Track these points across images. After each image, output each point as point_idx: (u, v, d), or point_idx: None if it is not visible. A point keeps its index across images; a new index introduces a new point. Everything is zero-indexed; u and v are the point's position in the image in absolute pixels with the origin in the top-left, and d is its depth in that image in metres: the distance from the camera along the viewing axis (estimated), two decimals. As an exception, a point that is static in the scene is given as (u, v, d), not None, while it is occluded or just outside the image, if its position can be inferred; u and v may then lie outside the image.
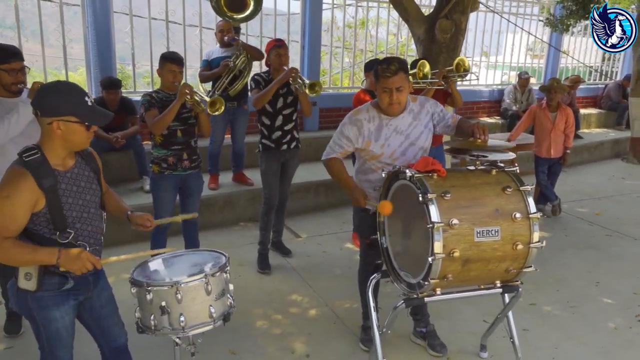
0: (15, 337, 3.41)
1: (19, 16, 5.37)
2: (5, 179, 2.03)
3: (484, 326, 3.56)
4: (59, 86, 2.10)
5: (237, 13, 4.95)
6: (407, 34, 9.30)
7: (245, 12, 4.98)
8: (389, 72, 2.77)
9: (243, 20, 5.02)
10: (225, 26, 5.39)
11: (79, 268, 2.03)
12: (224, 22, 5.35)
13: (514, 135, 6.09)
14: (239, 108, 5.50)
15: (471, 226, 2.47)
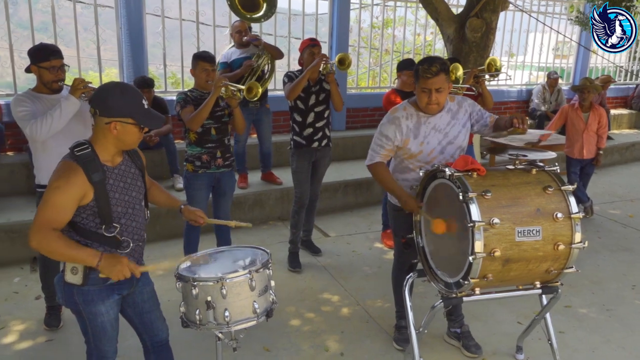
0: (55, 330, 3.49)
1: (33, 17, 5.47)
2: (57, 171, 2.08)
3: (519, 327, 3.53)
4: (121, 88, 2.15)
5: (252, 13, 4.98)
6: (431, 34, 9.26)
7: (258, 12, 5.02)
8: (429, 73, 2.75)
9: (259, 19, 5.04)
10: (242, 27, 5.39)
11: (117, 274, 2.07)
12: (241, 23, 5.37)
13: (544, 136, 6.00)
14: (261, 107, 5.52)
15: (512, 226, 2.46)
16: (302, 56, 4.30)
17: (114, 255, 2.10)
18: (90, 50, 6.34)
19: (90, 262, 2.06)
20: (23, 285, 4.10)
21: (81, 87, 3.13)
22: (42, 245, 2.03)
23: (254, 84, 3.87)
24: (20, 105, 3.06)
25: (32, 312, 3.70)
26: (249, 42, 5.38)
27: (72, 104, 3.09)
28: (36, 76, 3.18)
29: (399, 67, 4.74)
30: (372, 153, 3.05)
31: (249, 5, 4.86)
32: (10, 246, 4.43)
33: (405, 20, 7.93)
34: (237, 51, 5.45)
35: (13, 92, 5.52)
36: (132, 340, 2.94)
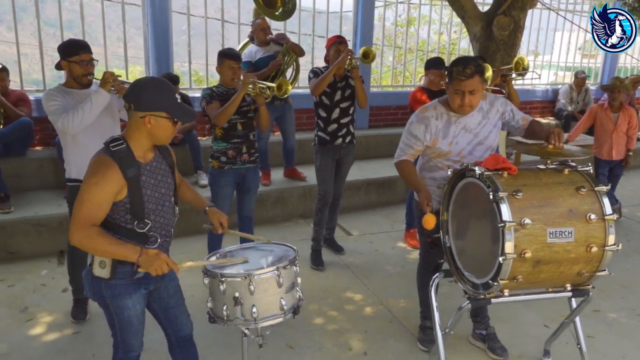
0: (82, 322, 3.53)
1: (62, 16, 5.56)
2: (93, 167, 2.09)
3: (545, 331, 3.47)
4: (154, 83, 2.17)
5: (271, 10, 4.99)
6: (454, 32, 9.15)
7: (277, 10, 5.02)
8: (463, 76, 2.70)
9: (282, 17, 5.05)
10: (265, 24, 5.38)
11: (155, 269, 2.08)
12: (262, 20, 5.36)
13: (572, 135, 5.90)
14: (285, 104, 5.52)
15: (544, 226, 2.40)
16: (328, 53, 4.29)
17: (153, 250, 2.10)
18: (115, 48, 6.42)
19: (132, 258, 2.07)
20: (50, 277, 4.17)
21: (111, 80, 3.16)
22: (83, 242, 2.05)
23: (284, 81, 3.88)
24: (52, 100, 3.10)
25: (59, 304, 3.75)
26: (271, 41, 5.36)
27: (103, 97, 3.13)
28: (66, 71, 3.22)
29: (427, 66, 4.70)
30: (400, 151, 3.03)
31: (267, 2, 4.88)
32: (38, 239, 4.50)
33: (429, 19, 7.86)
34: (260, 50, 5.43)
35: (42, 88, 5.62)
36: (156, 334, 2.95)
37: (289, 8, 5.08)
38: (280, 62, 5.27)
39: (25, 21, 5.78)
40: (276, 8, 5.03)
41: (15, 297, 3.84)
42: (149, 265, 2.07)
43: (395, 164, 3.06)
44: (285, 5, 4.97)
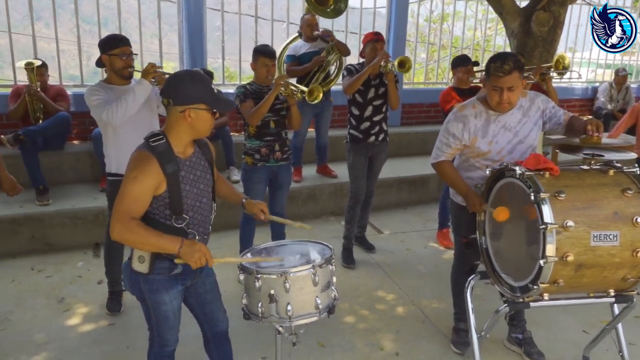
0: (117, 315, 3.59)
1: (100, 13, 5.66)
2: (133, 162, 2.11)
3: (584, 337, 3.37)
4: (189, 75, 2.16)
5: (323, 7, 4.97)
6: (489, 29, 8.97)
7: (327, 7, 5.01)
8: (501, 72, 2.62)
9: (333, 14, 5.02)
10: (313, 20, 5.38)
11: (195, 261, 2.07)
12: (311, 16, 5.35)
13: (613, 135, 5.71)
14: (325, 101, 5.50)
15: (587, 229, 2.32)
16: (364, 49, 4.25)
17: (194, 242, 2.10)
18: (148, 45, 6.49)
19: (172, 249, 2.06)
20: (86, 269, 4.25)
21: (152, 71, 3.21)
22: (124, 235, 2.05)
23: (316, 87, 3.85)
24: (94, 94, 3.16)
25: (95, 296, 3.82)
26: (318, 37, 5.36)
27: (145, 88, 3.17)
28: (107, 66, 3.27)
29: (453, 64, 4.61)
30: (437, 151, 2.96)
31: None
32: (74, 231, 4.60)
33: (465, 15, 7.72)
34: (305, 45, 5.43)
35: (79, 84, 5.73)
36: (190, 328, 2.98)
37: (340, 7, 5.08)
38: (322, 59, 5.26)
39: (63, 18, 5.90)
40: (327, 5, 5.02)
41: (53, 288, 3.93)
42: (189, 257, 2.06)
43: (433, 165, 3.00)
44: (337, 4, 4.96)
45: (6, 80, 5.84)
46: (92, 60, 3.68)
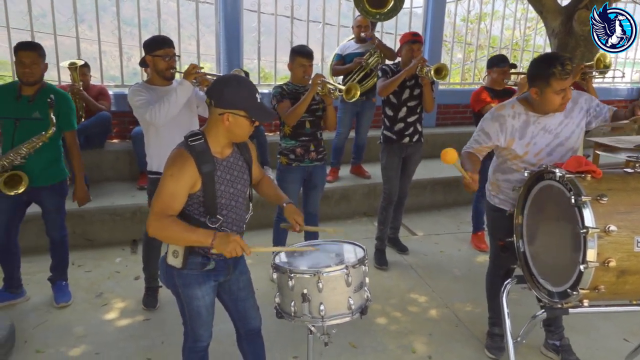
0: (153, 310, 3.66)
1: (140, 15, 5.78)
2: (171, 159, 2.15)
3: (625, 345, 3.27)
4: (237, 80, 2.19)
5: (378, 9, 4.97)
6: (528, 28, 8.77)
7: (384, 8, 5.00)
8: (566, 74, 2.57)
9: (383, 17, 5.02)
10: (363, 22, 5.40)
11: (230, 251, 2.08)
12: (362, 18, 5.37)
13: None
14: (367, 101, 5.51)
15: (631, 234, 2.24)
16: (400, 49, 4.22)
17: (227, 234, 2.12)
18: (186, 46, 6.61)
19: (205, 242, 2.09)
20: (124, 265, 4.36)
21: (194, 72, 3.26)
22: (158, 231, 2.11)
23: (354, 86, 3.84)
24: (138, 95, 3.23)
25: (132, 291, 3.91)
26: (365, 39, 5.41)
27: (186, 88, 3.23)
28: (150, 66, 3.35)
29: (489, 64, 4.54)
30: (468, 145, 2.93)
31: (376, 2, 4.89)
32: (113, 228, 4.72)
33: (503, 14, 7.58)
34: (353, 45, 5.52)
35: (120, 84, 5.88)
36: (222, 325, 3.01)
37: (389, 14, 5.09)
38: (360, 60, 5.32)
39: (105, 20, 6.06)
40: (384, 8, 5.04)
41: (92, 283, 4.05)
42: (224, 248, 2.08)
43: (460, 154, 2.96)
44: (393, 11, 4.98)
45: (51, 80, 6.01)
46: (132, 62, 3.80)
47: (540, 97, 2.67)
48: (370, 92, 5.48)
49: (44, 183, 3.46)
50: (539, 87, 2.65)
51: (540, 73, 2.64)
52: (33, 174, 3.38)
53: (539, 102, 2.70)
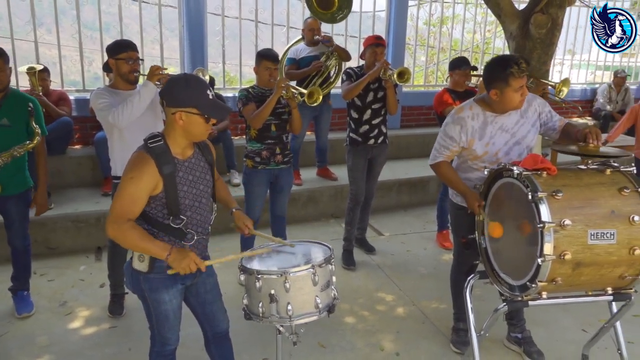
0: (119, 317, 3.61)
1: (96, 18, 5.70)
2: (131, 162, 2.15)
3: (583, 335, 3.39)
4: (185, 79, 2.19)
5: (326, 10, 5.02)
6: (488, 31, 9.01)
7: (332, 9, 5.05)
8: (523, 72, 2.68)
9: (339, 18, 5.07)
10: (314, 24, 5.40)
11: (184, 267, 2.12)
12: (313, 20, 5.38)
13: (612, 136, 5.74)
14: (324, 104, 5.53)
15: (585, 228, 2.34)
16: (364, 52, 4.28)
17: (183, 249, 2.14)
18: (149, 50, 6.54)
19: (160, 255, 2.11)
20: (88, 273, 4.28)
21: (157, 73, 3.25)
22: (117, 235, 2.10)
23: (316, 90, 3.87)
24: (100, 98, 3.20)
25: (97, 299, 3.84)
26: (319, 41, 5.40)
27: (150, 90, 3.21)
28: (113, 70, 3.31)
29: (451, 66, 4.64)
30: (435, 153, 2.99)
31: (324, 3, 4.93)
32: (76, 235, 4.63)
33: (464, 18, 7.76)
34: (306, 48, 5.47)
35: (82, 88, 5.77)
36: (190, 329, 3.00)
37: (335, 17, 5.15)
38: (320, 64, 5.31)
39: (64, 24, 5.94)
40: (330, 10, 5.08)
41: (55, 292, 3.96)
42: (177, 264, 2.11)
43: (431, 166, 3.03)
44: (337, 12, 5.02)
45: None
46: (93, 66, 3.74)
47: (500, 97, 2.76)
48: (327, 95, 5.50)
49: (11, 192, 3.39)
50: (499, 88, 2.74)
51: (497, 75, 2.73)
52: (2, 183, 3.30)
53: (498, 102, 2.79)
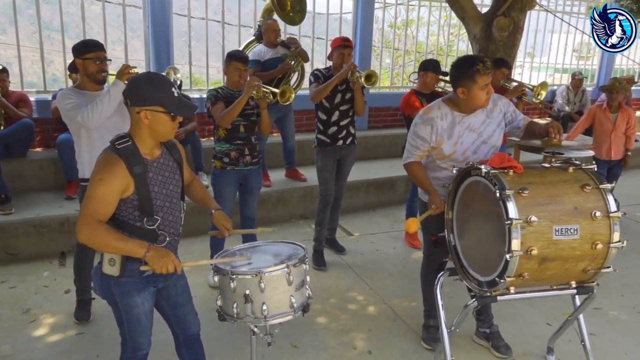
0: (86, 323, 3.52)
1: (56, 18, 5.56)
2: (99, 164, 2.10)
3: (548, 329, 3.49)
4: (149, 77, 2.16)
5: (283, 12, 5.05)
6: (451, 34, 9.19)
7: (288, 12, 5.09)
8: (488, 69, 2.76)
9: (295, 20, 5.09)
10: (276, 26, 5.39)
11: (161, 267, 2.08)
12: (273, 22, 5.38)
13: (571, 136, 5.92)
14: (287, 106, 5.52)
15: (550, 224, 2.42)
16: (332, 53, 4.30)
17: (161, 248, 2.11)
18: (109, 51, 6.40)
19: (138, 253, 2.06)
20: (52, 279, 4.16)
21: (127, 72, 3.19)
22: (90, 238, 2.05)
23: (288, 89, 3.87)
24: (67, 99, 3.12)
25: (62, 305, 3.74)
26: (281, 43, 5.39)
27: (120, 88, 3.14)
28: (80, 70, 3.23)
29: (424, 67, 4.63)
30: (407, 153, 3.05)
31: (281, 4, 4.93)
32: (39, 241, 4.49)
33: (428, 20, 7.90)
34: (269, 51, 5.41)
35: (43, 89, 5.61)
36: (161, 335, 2.97)
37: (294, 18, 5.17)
38: (290, 66, 5.31)
39: (20, 24, 5.75)
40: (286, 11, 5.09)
41: (17, 299, 3.83)
42: (155, 262, 2.07)
43: (404, 166, 3.09)
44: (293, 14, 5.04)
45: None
46: (52, 67, 3.65)
47: (467, 95, 2.83)
48: None
49: None
50: (466, 87, 2.81)
51: (464, 73, 2.80)
52: None
53: (466, 100, 2.86)
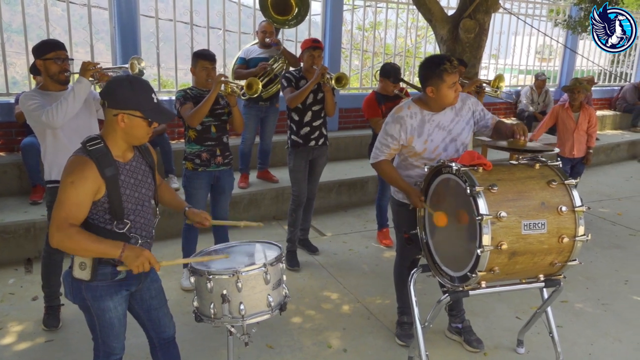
0: (55, 330, 3.44)
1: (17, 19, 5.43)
2: (70, 166, 2.06)
3: (518, 322, 3.59)
4: (130, 80, 2.13)
5: (284, 16, 5.08)
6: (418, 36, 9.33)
7: (289, 15, 5.12)
8: (454, 68, 2.83)
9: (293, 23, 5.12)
10: (268, 27, 5.46)
11: (137, 266, 2.04)
12: (267, 23, 5.43)
13: (535, 135, 6.09)
14: (271, 107, 5.57)
15: (518, 219, 2.50)
16: (302, 56, 4.32)
17: (137, 247, 2.07)
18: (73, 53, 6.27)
19: (114, 254, 2.03)
20: (18, 286, 4.04)
21: (91, 68, 3.13)
22: (64, 242, 2.00)
23: (254, 81, 3.87)
24: (30, 99, 3.04)
25: (30, 313, 3.65)
26: (270, 44, 5.45)
27: (85, 86, 3.09)
28: (42, 71, 3.16)
29: (383, 74, 4.69)
30: (377, 152, 3.08)
31: (280, 8, 4.95)
32: (3, 247, 4.36)
33: (396, 23, 8.00)
34: (258, 50, 5.52)
35: (5, 92, 5.45)
36: (135, 339, 2.93)
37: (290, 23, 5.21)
38: (266, 66, 5.33)
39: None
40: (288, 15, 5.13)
41: (-18, 307, 3.72)
42: (132, 262, 2.03)
43: (373, 165, 3.12)
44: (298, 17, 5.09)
45: None
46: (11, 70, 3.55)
47: (436, 94, 2.89)
48: (274, 97, 5.55)
49: None
50: (434, 85, 2.87)
51: (432, 72, 2.87)
52: None
53: (435, 99, 2.92)
